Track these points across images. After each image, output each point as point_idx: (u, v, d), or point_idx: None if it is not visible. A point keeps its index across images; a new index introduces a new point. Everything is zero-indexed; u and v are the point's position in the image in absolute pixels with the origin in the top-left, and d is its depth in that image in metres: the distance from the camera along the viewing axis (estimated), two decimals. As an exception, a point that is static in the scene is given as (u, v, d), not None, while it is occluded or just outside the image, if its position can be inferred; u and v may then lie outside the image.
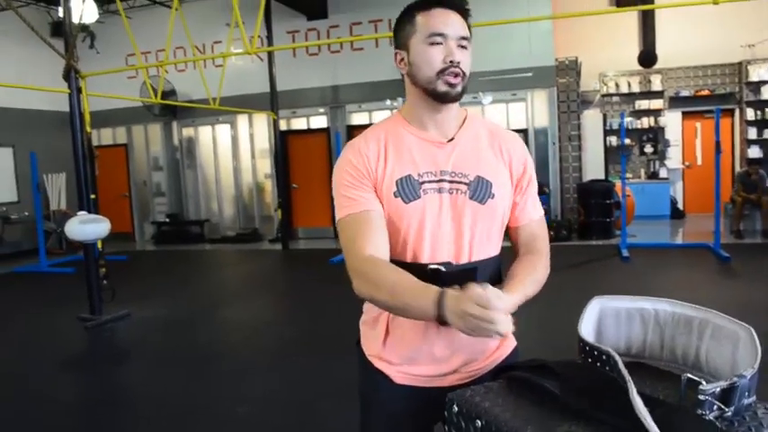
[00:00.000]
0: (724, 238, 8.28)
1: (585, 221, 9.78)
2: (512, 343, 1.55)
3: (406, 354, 1.43)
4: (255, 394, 4.07)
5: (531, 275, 1.41)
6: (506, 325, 1.12)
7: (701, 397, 0.98)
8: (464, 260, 1.40)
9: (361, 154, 1.43)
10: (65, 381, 4.60)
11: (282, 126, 11.60)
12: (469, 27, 1.42)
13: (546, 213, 9.82)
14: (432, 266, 1.37)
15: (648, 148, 11.45)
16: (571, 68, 10.57)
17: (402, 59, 1.44)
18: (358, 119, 11.18)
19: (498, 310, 1.11)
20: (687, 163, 11.47)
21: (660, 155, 11.42)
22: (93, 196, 6.18)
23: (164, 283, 8.36)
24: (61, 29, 6.65)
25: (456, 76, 1.37)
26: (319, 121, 11.66)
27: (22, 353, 5.35)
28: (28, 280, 9.00)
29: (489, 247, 1.45)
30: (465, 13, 1.42)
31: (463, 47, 1.39)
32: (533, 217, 1.52)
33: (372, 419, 1.53)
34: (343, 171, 1.43)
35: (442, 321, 1.19)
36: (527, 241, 1.51)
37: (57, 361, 5.09)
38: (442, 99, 1.40)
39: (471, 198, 1.41)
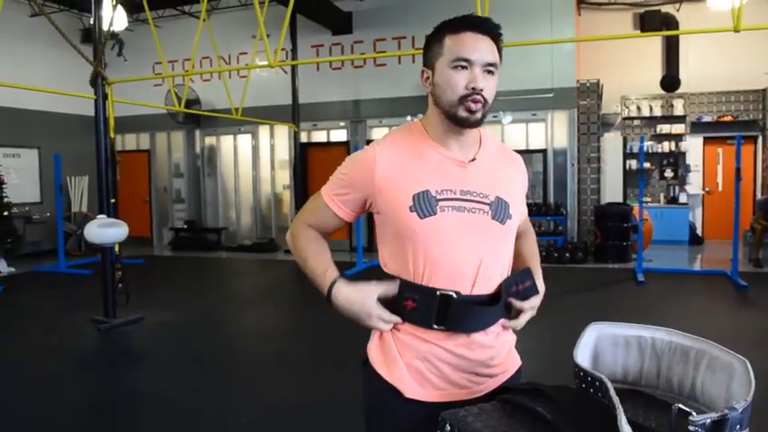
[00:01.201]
0: (742, 266, 8.18)
1: (602, 244, 9.71)
2: (517, 362, 1.56)
3: (415, 368, 1.43)
4: (261, 403, 4.09)
5: (537, 257, 1.65)
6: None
7: (691, 428, 0.98)
8: (481, 283, 1.41)
9: (371, 164, 1.44)
10: (75, 382, 4.64)
11: (303, 138, 11.72)
12: (500, 51, 1.42)
13: (561, 234, 9.73)
14: (442, 292, 1.38)
15: (669, 173, 11.36)
16: (592, 90, 10.56)
17: (427, 78, 1.45)
18: (378, 133, 11.23)
19: (371, 314, 1.42)
20: (707, 189, 11.36)
21: (680, 180, 11.32)
22: (113, 201, 6.27)
23: (178, 289, 8.43)
24: (91, 36, 6.80)
25: (477, 102, 1.38)
26: (339, 135, 11.76)
27: (35, 352, 5.42)
28: (46, 280, 9.14)
29: (503, 271, 1.48)
30: (496, 38, 1.42)
31: (489, 72, 1.40)
32: (526, 211, 1.66)
33: None
34: (348, 168, 1.50)
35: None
36: (521, 226, 1.63)
37: (68, 362, 5.15)
38: (461, 124, 1.41)
39: (493, 218, 1.43)
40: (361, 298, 1.43)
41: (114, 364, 5.18)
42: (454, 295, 1.38)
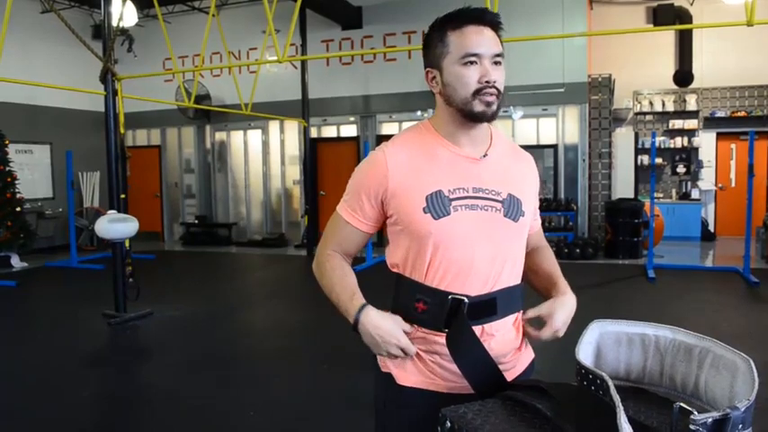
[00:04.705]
0: (755, 262, 8.10)
1: (613, 240, 9.65)
2: (530, 355, 1.55)
3: (424, 361, 1.43)
4: (269, 399, 4.10)
5: (557, 266, 1.62)
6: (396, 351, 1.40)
7: (692, 426, 0.97)
8: (492, 282, 1.41)
9: (383, 167, 1.42)
10: (83, 376, 4.68)
11: (313, 133, 11.71)
12: (501, 41, 1.40)
13: (572, 230, 9.65)
14: (453, 296, 1.38)
15: (681, 169, 11.26)
16: (604, 85, 10.48)
17: (434, 78, 1.42)
18: (388, 129, 11.23)
19: (395, 344, 1.39)
20: (720, 185, 11.26)
21: (693, 175, 11.23)
22: (123, 196, 6.30)
23: (188, 284, 8.47)
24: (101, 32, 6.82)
25: (492, 95, 1.36)
26: (349, 130, 11.75)
27: (46, 346, 5.47)
28: (58, 274, 9.22)
29: (517, 271, 1.48)
30: (497, 28, 1.40)
31: (497, 63, 1.38)
32: (539, 224, 1.67)
33: (390, 425, 1.51)
34: (359, 177, 1.48)
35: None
36: (535, 240, 1.64)
37: (78, 356, 5.20)
38: (479, 119, 1.39)
39: (506, 216, 1.42)
40: (390, 326, 1.40)
41: (124, 359, 5.21)
42: (465, 300, 1.37)
